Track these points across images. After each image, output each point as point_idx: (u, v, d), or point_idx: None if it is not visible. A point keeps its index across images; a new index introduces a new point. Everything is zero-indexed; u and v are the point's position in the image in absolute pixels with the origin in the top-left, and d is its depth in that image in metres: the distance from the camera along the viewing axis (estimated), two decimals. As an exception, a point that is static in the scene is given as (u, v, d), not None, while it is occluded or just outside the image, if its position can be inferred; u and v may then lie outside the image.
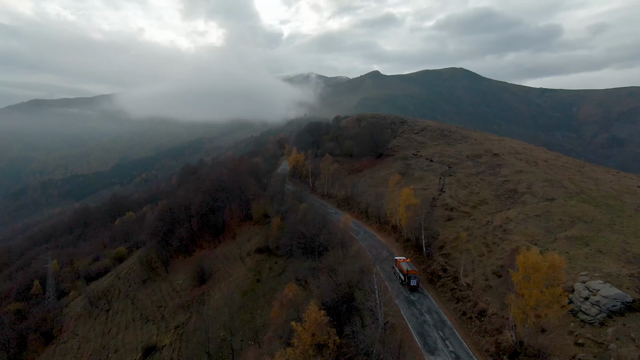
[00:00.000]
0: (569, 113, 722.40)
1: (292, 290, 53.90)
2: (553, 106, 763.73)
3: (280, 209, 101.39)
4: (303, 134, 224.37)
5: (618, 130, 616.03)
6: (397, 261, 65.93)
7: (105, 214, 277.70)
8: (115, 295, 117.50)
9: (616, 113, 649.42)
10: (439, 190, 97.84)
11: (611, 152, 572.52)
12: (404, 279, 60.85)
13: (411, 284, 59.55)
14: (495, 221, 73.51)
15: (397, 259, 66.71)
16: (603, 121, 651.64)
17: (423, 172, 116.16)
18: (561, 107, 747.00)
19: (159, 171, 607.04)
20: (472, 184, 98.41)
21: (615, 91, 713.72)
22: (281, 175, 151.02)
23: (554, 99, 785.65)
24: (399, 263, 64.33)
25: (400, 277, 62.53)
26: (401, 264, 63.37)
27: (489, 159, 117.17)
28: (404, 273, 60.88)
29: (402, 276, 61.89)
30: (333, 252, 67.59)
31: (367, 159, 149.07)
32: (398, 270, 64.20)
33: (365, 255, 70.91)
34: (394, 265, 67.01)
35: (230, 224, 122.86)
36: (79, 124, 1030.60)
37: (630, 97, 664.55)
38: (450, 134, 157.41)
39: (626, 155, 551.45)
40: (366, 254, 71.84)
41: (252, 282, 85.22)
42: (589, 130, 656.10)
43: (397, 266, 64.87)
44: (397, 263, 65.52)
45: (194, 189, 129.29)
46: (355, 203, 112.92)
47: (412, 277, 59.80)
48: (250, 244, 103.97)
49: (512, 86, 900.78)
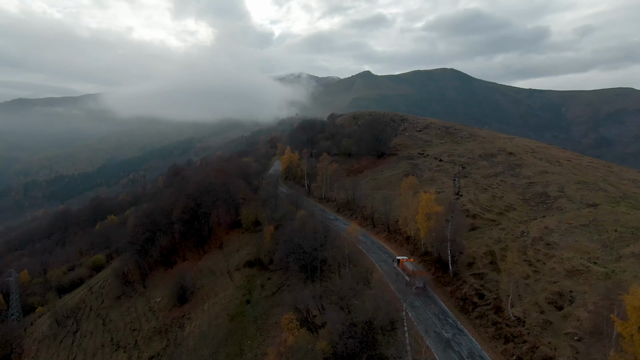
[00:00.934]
0: (558, 114, 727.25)
1: (292, 328, 41.08)
2: (542, 107, 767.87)
3: (273, 215, 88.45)
4: (296, 132, 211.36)
5: (606, 131, 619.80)
6: (399, 261, 61.68)
7: (86, 217, 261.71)
8: (85, 313, 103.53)
9: (604, 114, 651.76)
10: (455, 193, 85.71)
11: (600, 152, 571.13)
12: (410, 280, 56.35)
13: (418, 285, 54.91)
14: (532, 232, 61.49)
15: (399, 259, 62.40)
16: (591, 122, 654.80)
17: (433, 173, 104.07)
18: (550, 108, 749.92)
19: (147, 172, 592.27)
20: (492, 186, 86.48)
21: (602, 92, 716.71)
22: (274, 177, 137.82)
23: (543, 100, 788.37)
24: (403, 263, 60.18)
25: (406, 278, 58.11)
26: (405, 264, 59.37)
27: (505, 158, 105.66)
28: (410, 274, 56.87)
29: (407, 278, 57.71)
30: (342, 274, 54.84)
31: (367, 159, 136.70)
32: (402, 272, 60.15)
33: (381, 279, 58.60)
34: (396, 265, 62.70)
35: (217, 232, 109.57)
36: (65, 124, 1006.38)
37: (617, 98, 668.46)
38: (456, 132, 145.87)
39: (614, 155, 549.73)
40: (381, 276, 59.63)
41: (241, 303, 72.12)
42: (578, 130, 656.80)
43: (401, 267, 60.65)
44: (399, 263, 61.30)
45: (177, 192, 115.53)
46: (357, 208, 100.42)
47: (418, 278, 56.00)
48: (240, 256, 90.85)
49: (502, 87, 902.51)
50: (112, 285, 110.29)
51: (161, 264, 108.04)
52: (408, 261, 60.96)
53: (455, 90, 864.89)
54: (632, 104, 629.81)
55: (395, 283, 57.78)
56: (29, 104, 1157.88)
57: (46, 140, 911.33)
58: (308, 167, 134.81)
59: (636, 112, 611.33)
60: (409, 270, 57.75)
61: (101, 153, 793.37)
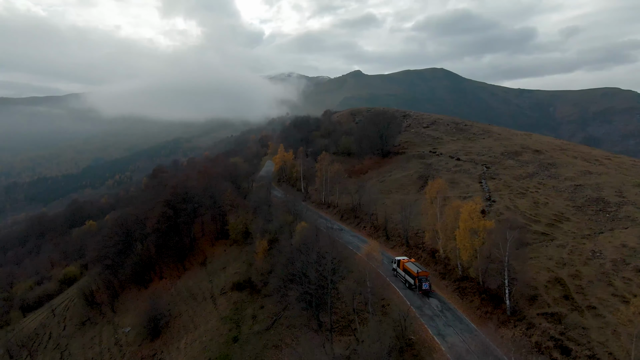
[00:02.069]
0: (547, 113, 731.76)
1: None
2: (531, 106, 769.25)
3: (267, 227, 73.13)
4: (289, 129, 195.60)
5: (594, 130, 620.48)
6: (400, 262, 56.94)
7: (63, 222, 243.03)
8: (43, 342, 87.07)
9: (592, 113, 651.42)
10: (486, 199, 71.20)
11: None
12: (414, 282, 52.86)
13: (423, 287, 51.99)
14: (605, 251, 47.15)
15: (400, 260, 57.62)
16: (580, 121, 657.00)
17: (452, 174, 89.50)
18: (539, 107, 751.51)
19: (133, 173, 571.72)
20: (529, 189, 72.22)
21: (589, 92, 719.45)
22: (266, 179, 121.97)
23: (532, 99, 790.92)
24: (404, 264, 55.64)
25: (409, 280, 54.32)
26: (407, 265, 55.06)
27: (533, 157, 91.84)
28: (414, 275, 52.70)
29: (410, 279, 53.91)
30: (369, 324, 39.58)
31: (370, 158, 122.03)
32: (404, 273, 55.81)
33: (422, 329, 43.60)
34: (397, 267, 58.04)
35: (201, 244, 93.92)
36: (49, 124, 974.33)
37: (604, 97, 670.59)
38: (467, 128, 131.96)
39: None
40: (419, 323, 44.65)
41: (226, 342, 56.74)
42: (566, 129, 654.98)
43: (403, 268, 56.01)
44: (400, 264, 56.68)
45: (153, 198, 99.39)
46: (365, 215, 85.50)
47: (423, 279, 52.16)
48: (226, 275, 75.44)
49: (491, 86, 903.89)
50: (77, 306, 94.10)
51: (134, 282, 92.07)
52: (410, 261, 56.23)
53: (446, 89, 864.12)
54: (619, 104, 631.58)
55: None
56: (10, 104, 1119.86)
57: (29, 140, 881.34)
58: (304, 167, 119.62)
59: (623, 112, 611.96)
60: (413, 272, 53.04)
61: (86, 154, 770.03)
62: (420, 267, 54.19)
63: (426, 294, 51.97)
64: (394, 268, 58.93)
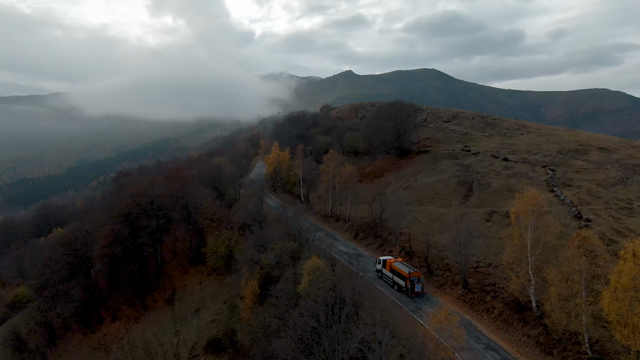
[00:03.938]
0: (537, 114, 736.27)
1: None
2: (522, 107, 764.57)
3: (255, 257, 50.42)
4: (283, 126, 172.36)
5: (584, 130, 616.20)
6: (386, 262, 50.94)
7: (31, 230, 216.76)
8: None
9: (581, 114, 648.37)
10: (575, 217, 49.29)
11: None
12: (405, 284, 46.43)
13: (416, 289, 46.04)
14: None
15: (384, 259, 51.65)
16: (570, 122, 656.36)
17: (504, 179, 67.59)
18: (529, 108, 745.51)
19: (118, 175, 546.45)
20: (634, 202, 50.57)
21: (578, 93, 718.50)
22: (257, 184, 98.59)
23: (522, 100, 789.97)
24: (391, 264, 49.41)
25: (399, 282, 47.67)
26: (395, 265, 48.77)
27: (605, 156, 70.77)
28: (405, 277, 46.32)
29: (400, 281, 47.31)
30: None
31: (384, 159, 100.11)
32: (392, 274, 49.18)
33: None
34: (382, 268, 51.62)
35: (169, 269, 71.06)
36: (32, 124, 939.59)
37: (593, 98, 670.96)
38: (497, 123, 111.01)
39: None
40: None
41: None
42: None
43: (390, 269, 49.54)
44: (387, 264, 50.45)
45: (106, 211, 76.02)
46: (389, 235, 63.42)
47: (415, 280, 46.30)
48: (200, 324, 52.80)
49: (482, 87, 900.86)
50: (4, 355, 70.70)
51: (80, 323, 68.91)
52: (397, 261, 50.70)
53: (437, 90, 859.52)
54: (608, 105, 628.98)
55: None
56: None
57: (10, 141, 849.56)
58: (304, 169, 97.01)
59: (612, 113, 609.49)
60: (403, 273, 47.23)
61: (71, 154, 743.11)
62: (411, 268, 48.52)
63: (419, 296, 46.65)
64: (378, 269, 53.20)
